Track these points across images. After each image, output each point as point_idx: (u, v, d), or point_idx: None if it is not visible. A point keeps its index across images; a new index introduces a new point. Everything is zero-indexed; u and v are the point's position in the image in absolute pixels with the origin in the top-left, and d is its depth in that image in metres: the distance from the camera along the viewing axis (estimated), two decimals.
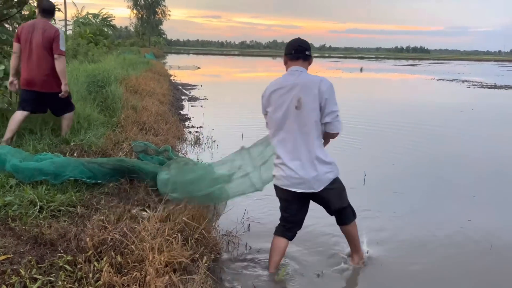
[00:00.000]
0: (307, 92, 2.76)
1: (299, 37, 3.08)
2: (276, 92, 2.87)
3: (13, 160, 3.60)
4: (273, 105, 2.87)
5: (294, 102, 2.77)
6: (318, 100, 2.76)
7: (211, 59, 58.61)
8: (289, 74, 2.90)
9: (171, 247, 2.70)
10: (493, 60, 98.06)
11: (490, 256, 3.52)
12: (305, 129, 2.79)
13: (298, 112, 2.77)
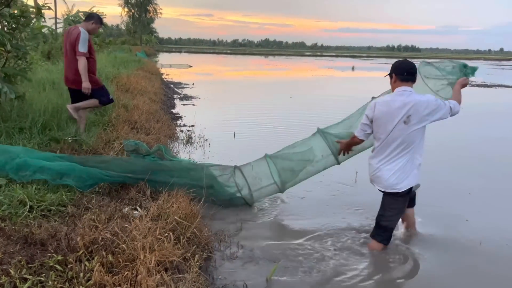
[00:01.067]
0: (417, 109, 3.21)
1: (407, 59, 3.53)
2: (385, 107, 3.28)
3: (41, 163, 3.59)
4: (382, 119, 3.28)
5: (403, 118, 3.21)
6: (423, 114, 3.23)
7: (203, 57, 58.40)
8: (399, 94, 3.29)
9: (163, 246, 2.70)
10: (483, 59, 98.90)
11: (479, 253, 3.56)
12: (407, 141, 3.25)
13: (406, 127, 3.21)
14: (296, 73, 31.03)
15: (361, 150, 3.92)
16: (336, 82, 23.54)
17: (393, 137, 3.26)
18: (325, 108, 11.83)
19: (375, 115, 3.31)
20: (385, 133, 3.27)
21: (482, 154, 6.96)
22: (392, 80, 3.40)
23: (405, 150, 3.26)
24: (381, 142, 3.32)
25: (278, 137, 7.81)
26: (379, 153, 3.36)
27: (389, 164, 3.30)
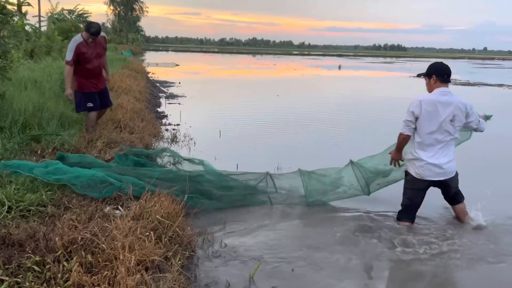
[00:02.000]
0: (459, 110, 3.65)
1: (443, 62, 3.89)
2: (430, 105, 3.64)
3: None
4: (427, 116, 3.63)
5: (449, 116, 3.62)
6: (463, 115, 3.69)
7: (190, 56, 58.13)
8: (441, 94, 3.68)
9: (143, 245, 2.68)
10: (467, 58, 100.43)
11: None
12: (449, 137, 3.70)
13: (452, 124, 3.65)
14: (283, 72, 31.09)
15: (394, 181, 4.34)
16: (323, 81, 23.65)
17: (440, 132, 3.66)
18: (312, 107, 11.89)
19: (421, 112, 3.63)
20: (432, 129, 3.64)
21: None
22: (431, 81, 3.75)
23: (450, 143, 3.74)
24: (428, 137, 3.67)
25: (265, 136, 7.84)
26: (429, 149, 3.70)
27: (445, 155, 3.71)
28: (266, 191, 4.38)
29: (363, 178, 4.44)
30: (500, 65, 57.70)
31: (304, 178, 4.46)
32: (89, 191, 3.61)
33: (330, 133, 8.34)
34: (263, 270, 3.06)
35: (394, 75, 30.21)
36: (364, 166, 4.43)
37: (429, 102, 3.64)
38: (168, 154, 4.66)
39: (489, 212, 4.07)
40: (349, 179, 4.53)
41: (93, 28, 5.28)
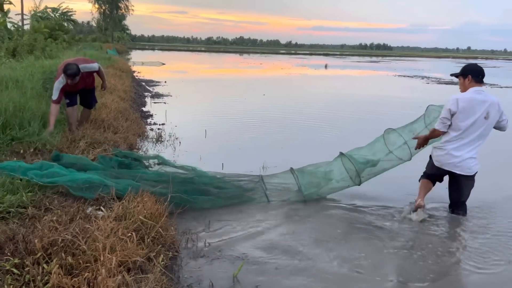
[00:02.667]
0: (493, 108, 3.90)
1: (477, 64, 4.21)
2: (466, 103, 3.88)
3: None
4: (463, 113, 3.88)
5: (484, 114, 3.88)
6: (498, 114, 3.94)
7: (177, 55, 57.79)
8: (476, 93, 3.93)
9: (126, 246, 2.66)
10: (452, 57, 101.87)
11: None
12: (483, 133, 3.96)
13: (485, 121, 3.90)
14: (270, 71, 31.11)
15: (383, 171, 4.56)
16: (310, 80, 23.73)
17: (474, 129, 3.90)
18: (298, 106, 11.93)
19: (458, 110, 3.88)
20: (466, 125, 3.89)
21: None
22: (466, 81, 4.02)
23: (480, 140, 3.96)
24: (461, 133, 3.92)
25: (251, 135, 7.84)
26: (457, 142, 3.96)
27: (469, 151, 3.95)
28: (264, 190, 4.41)
29: (354, 169, 4.49)
30: (483, 64, 57.92)
31: (297, 174, 4.51)
32: (84, 192, 3.58)
33: (317, 131, 8.38)
34: (247, 269, 3.07)
35: (380, 74, 30.45)
36: (354, 157, 4.52)
37: (465, 100, 3.90)
38: (160, 161, 4.63)
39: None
40: (340, 171, 4.61)
41: (68, 70, 5.20)
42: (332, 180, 4.59)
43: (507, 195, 4.95)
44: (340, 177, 4.58)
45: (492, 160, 5.84)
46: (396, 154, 4.55)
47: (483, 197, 4.66)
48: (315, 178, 4.55)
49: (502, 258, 3.44)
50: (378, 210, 4.35)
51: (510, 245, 3.68)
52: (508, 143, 6.75)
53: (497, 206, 4.61)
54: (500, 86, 21.29)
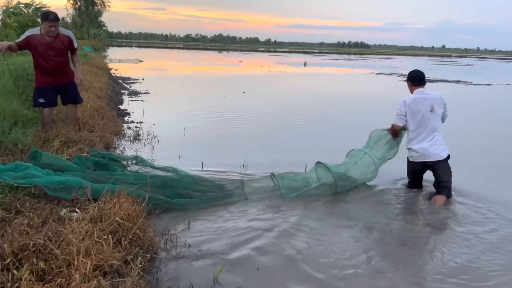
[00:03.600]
0: (436, 101, 4.63)
1: (416, 70, 4.93)
2: (413, 103, 4.64)
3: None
4: (411, 112, 4.61)
5: (428, 108, 4.59)
6: (442, 106, 4.68)
7: (155, 52, 57.07)
8: (419, 93, 4.69)
9: (101, 249, 2.56)
10: (427, 55, 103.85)
11: None
12: (434, 126, 4.61)
13: (432, 114, 4.59)
14: (249, 68, 31.04)
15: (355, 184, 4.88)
16: (290, 78, 23.76)
17: (424, 123, 4.57)
18: (278, 104, 11.90)
19: (407, 110, 4.60)
20: (417, 121, 4.58)
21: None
22: (408, 85, 4.81)
23: (434, 132, 4.58)
24: (416, 128, 4.60)
25: (230, 133, 7.76)
26: (417, 137, 4.61)
27: (428, 142, 4.56)
28: (245, 195, 4.39)
29: (332, 178, 4.65)
30: (457, 62, 59.97)
31: (277, 180, 4.55)
32: (60, 193, 3.46)
33: (298, 129, 8.38)
34: (228, 270, 3.00)
35: (358, 72, 30.77)
36: (332, 170, 4.73)
37: (410, 100, 4.66)
38: (139, 162, 4.52)
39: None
40: (320, 177, 4.75)
41: (51, 14, 5.05)
42: (312, 185, 4.65)
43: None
44: (319, 183, 4.69)
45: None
46: (366, 175, 4.97)
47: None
48: (295, 183, 4.61)
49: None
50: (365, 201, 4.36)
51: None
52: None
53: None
54: (474, 83, 21.82)
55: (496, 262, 3.32)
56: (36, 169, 3.58)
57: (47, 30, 5.08)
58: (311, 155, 6.15)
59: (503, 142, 8.00)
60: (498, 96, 16.88)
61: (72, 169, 3.88)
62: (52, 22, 5.02)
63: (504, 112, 12.07)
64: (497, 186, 5.18)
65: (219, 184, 4.35)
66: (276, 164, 5.62)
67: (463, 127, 8.76)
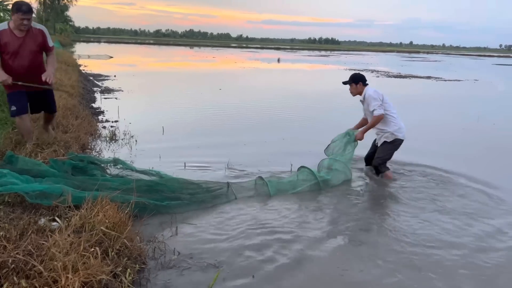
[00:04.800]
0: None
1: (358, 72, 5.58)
2: (382, 94, 5.27)
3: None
4: (386, 100, 5.22)
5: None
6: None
7: (125, 48, 55.78)
8: (374, 89, 5.30)
9: (89, 263, 2.36)
10: (396, 51, 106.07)
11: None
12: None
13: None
14: (223, 64, 30.75)
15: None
16: (265, 74, 23.65)
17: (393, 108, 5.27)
18: (255, 100, 11.78)
19: (382, 97, 5.16)
20: (390, 104, 5.24)
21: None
22: (359, 86, 5.30)
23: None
24: (393, 109, 5.24)
25: (211, 131, 7.57)
26: (398, 117, 5.25)
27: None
28: (233, 192, 4.30)
29: (316, 180, 4.72)
30: (425, 58, 61.51)
31: (265, 182, 4.48)
32: (41, 200, 3.23)
33: (278, 125, 8.28)
34: (222, 278, 2.86)
35: (331, 68, 31.02)
36: (315, 173, 4.79)
37: (379, 92, 5.23)
38: (120, 166, 4.29)
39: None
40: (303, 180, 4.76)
41: (24, 5, 4.30)
42: (298, 188, 4.64)
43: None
44: (305, 183, 4.73)
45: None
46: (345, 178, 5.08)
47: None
48: (282, 185, 4.58)
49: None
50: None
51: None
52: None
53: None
54: (444, 79, 22.36)
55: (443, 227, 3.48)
56: (14, 176, 3.31)
57: (18, 24, 4.36)
58: (294, 153, 6.09)
59: (479, 136, 8.17)
60: (469, 92, 17.34)
61: (53, 174, 3.63)
62: (25, 14, 4.30)
63: (478, 107, 12.35)
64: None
65: (206, 186, 4.18)
66: (260, 163, 5.51)
67: (440, 121, 8.90)
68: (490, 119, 10.13)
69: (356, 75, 5.36)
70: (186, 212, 3.85)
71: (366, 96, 5.23)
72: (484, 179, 5.31)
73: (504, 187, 5.08)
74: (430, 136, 7.86)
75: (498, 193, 4.86)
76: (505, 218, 4.18)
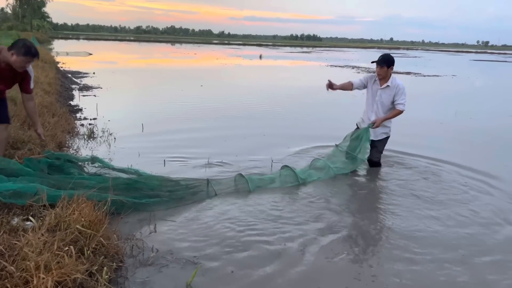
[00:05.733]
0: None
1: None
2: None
3: None
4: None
5: None
6: None
7: (104, 44, 54.87)
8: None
9: (63, 262, 2.32)
10: (377, 48, 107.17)
11: None
12: None
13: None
14: (205, 61, 30.59)
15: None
16: (246, 71, 23.62)
17: None
18: (237, 97, 11.76)
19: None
20: None
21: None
22: (390, 69, 5.02)
23: None
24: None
25: (191, 128, 7.51)
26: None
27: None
28: (214, 190, 4.29)
29: (296, 179, 4.75)
30: (405, 54, 62.32)
31: (245, 179, 4.48)
32: (15, 199, 3.15)
33: (259, 121, 8.27)
34: (201, 274, 2.84)
35: (313, 65, 31.14)
36: (296, 172, 4.80)
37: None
38: (98, 164, 4.21)
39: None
40: (284, 180, 4.76)
41: (35, 50, 3.88)
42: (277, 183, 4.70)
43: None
44: (285, 180, 4.75)
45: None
46: (323, 177, 4.99)
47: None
48: (262, 182, 4.59)
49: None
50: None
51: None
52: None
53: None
54: (423, 75, 22.71)
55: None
56: None
57: (22, 65, 3.87)
58: (275, 149, 6.09)
59: (457, 130, 8.33)
60: (447, 87, 17.67)
61: (27, 173, 3.54)
62: (34, 58, 3.91)
63: (456, 102, 12.58)
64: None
65: (186, 183, 4.15)
66: (240, 159, 5.50)
67: (419, 116, 9.03)
68: (467, 113, 10.35)
69: (391, 58, 4.98)
70: (165, 210, 3.81)
71: (398, 86, 4.96)
72: (470, 166, 5.68)
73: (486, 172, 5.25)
74: (408, 130, 7.95)
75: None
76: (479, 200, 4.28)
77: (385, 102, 5.06)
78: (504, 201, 4.53)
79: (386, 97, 5.04)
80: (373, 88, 5.17)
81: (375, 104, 5.14)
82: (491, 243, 3.59)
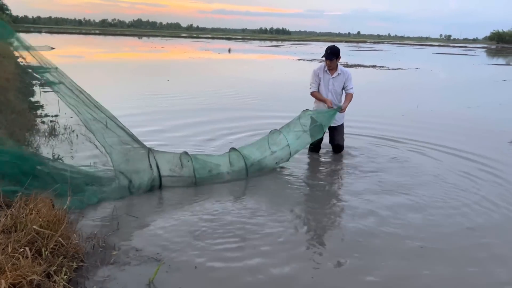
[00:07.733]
0: None
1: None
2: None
3: None
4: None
5: None
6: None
7: (68, 38, 53.17)
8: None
9: (18, 264, 2.27)
10: (344, 41, 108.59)
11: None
12: None
13: None
14: (172, 55, 30.18)
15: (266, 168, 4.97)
16: (215, 65, 23.48)
17: None
18: (204, 91, 11.68)
19: None
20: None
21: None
22: (338, 59, 5.47)
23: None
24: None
25: (156, 125, 7.41)
26: None
27: None
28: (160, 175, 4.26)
29: (243, 165, 4.70)
30: (372, 48, 63.52)
31: (190, 157, 4.45)
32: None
33: (225, 119, 8.25)
34: (164, 271, 2.84)
35: (282, 58, 31.28)
36: (244, 153, 4.78)
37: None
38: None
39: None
40: (232, 163, 4.73)
41: None
42: (223, 172, 4.63)
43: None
44: (230, 169, 4.68)
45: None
46: (279, 154, 4.98)
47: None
48: (208, 163, 4.58)
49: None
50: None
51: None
52: None
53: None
54: (388, 68, 23.25)
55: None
56: None
57: None
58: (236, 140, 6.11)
59: (418, 121, 8.59)
60: (410, 80, 18.16)
61: None
62: None
63: (418, 94, 12.96)
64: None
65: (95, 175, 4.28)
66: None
67: (381, 108, 9.25)
68: (428, 105, 10.68)
69: (338, 49, 5.46)
70: (127, 205, 3.79)
71: (347, 72, 5.55)
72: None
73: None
74: (370, 123, 8.14)
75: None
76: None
77: (338, 90, 5.54)
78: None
79: (338, 85, 5.52)
80: (325, 79, 5.55)
81: (329, 93, 5.53)
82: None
